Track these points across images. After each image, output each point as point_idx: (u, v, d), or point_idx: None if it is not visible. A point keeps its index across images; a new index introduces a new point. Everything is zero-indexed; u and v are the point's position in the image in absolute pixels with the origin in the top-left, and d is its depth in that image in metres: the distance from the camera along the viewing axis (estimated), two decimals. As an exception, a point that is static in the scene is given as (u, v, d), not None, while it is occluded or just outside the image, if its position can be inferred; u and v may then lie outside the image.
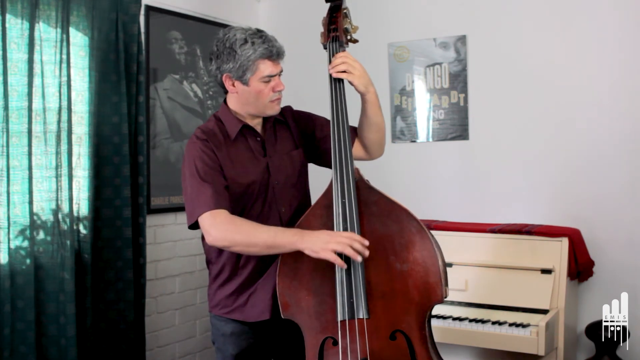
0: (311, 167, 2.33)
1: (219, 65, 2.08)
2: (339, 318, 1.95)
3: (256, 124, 2.17)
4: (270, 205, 2.13)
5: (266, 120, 2.20)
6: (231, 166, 2.08)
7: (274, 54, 2.05)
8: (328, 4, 2.23)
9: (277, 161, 2.16)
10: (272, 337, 2.20)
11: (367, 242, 1.90)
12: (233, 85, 2.09)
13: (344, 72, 2.06)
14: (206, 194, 1.99)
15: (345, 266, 1.91)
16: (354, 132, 2.23)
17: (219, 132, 2.12)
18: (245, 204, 2.11)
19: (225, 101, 2.19)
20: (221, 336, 2.20)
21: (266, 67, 2.05)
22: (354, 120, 2.20)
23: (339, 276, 1.95)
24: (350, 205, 1.99)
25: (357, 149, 2.23)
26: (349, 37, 2.23)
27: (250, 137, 2.15)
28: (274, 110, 2.14)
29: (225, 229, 1.96)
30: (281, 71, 2.11)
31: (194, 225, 2.05)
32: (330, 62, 2.13)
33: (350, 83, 2.09)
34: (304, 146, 2.26)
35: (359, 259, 1.89)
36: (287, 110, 2.28)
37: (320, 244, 1.88)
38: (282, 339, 2.21)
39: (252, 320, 2.15)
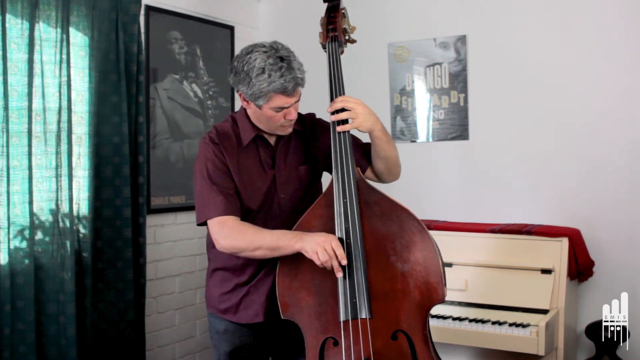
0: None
1: (235, 83, 2.05)
2: (342, 318, 1.95)
3: (270, 136, 2.15)
4: (275, 217, 2.13)
5: None
6: (237, 174, 2.08)
7: (289, 90, 1.97)
8: (326, 4, 2.23)
9: (285, 175, 2.15)
10: (269, 336, 2.21)
11: (344, 262, 1.90)
12: (247, 102, 2.07)
13: (347, 119, 2.01)
14: (216, 199, 2.02)
15: (320, 264, 1.90)
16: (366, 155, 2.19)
17: (233, 135, 2.12)
18: (248, 215, 2.10)
19: None
20: (216, 333, 2.22)
21: (279, 100, 1.99)
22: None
23: (341, 276, 1.95)
24: (351, 205, 1.99)
25: (368, 172, 2.20)
26: (347, 37, 2.24)
27: (262, 146, 2.14)
28: (284, 132, 2.11)
29: (231, 237, 1.99)
30: (298, 99, 2.04)
31: (202, 224, 2.08)
32: (329, 62, 2.13)
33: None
34: (317, 158, 2.21)
35: (340, 274, 1.91)
36: (308, 118, 2.25)
37: (312, 244, 1.90)
38: (280, 338, 2.22)
39: (245, 322, 2.16)
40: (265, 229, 2.02)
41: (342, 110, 2.02)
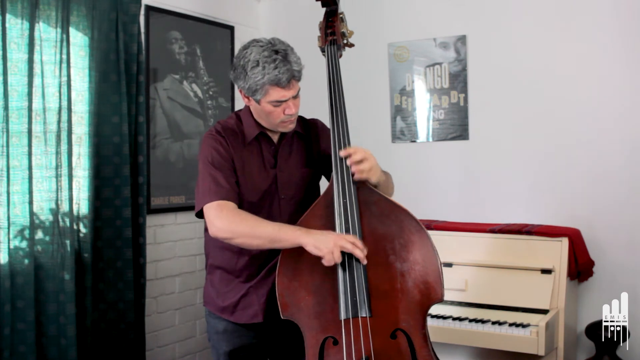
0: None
1: (234, 78, 2.07)
2: (342, 317, 1.96)
3: (273, 133, 2.16)
4: (275, 218, 2.12)
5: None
6: (240, 170, 2.09)
7: (283, 81, 1.97)
8: (324, 8, 2.25)
9: (286, 175, 2.15)
10: (268, 336, 2.21)
11: (366, 251, 1.93)
12: (248, 99, 2.08)
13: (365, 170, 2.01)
14: (217, 185, 2.01)
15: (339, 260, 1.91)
16: None
17: (238, 132, 2.13)
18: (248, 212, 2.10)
19: None
20: (215, 333, 2.22)
21: (275, 92, 1.99)
22: (353, 120, 2.19)
23: (342, 275, 1.96)
24: (351, 205, 2.00)
25: None
26: (345, 42, 2.27)
27: (265, 144, 2.15)
28: (287, 129, 2.11)
29: (230, 220, 1.97)
30: (296, 94, 2.04)
31: (200, 214, 2.06)
32: (329, 65, 2.15)
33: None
34: (318, 163, 2.22)
35: (365, 261, 1.92)
36: (313, 123, 2.26)
37: (326, 243, 1.89)
38: (279, 338, 2.22)
39: (243, 322, 2.16)
40: (266, 220, 2.01)
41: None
